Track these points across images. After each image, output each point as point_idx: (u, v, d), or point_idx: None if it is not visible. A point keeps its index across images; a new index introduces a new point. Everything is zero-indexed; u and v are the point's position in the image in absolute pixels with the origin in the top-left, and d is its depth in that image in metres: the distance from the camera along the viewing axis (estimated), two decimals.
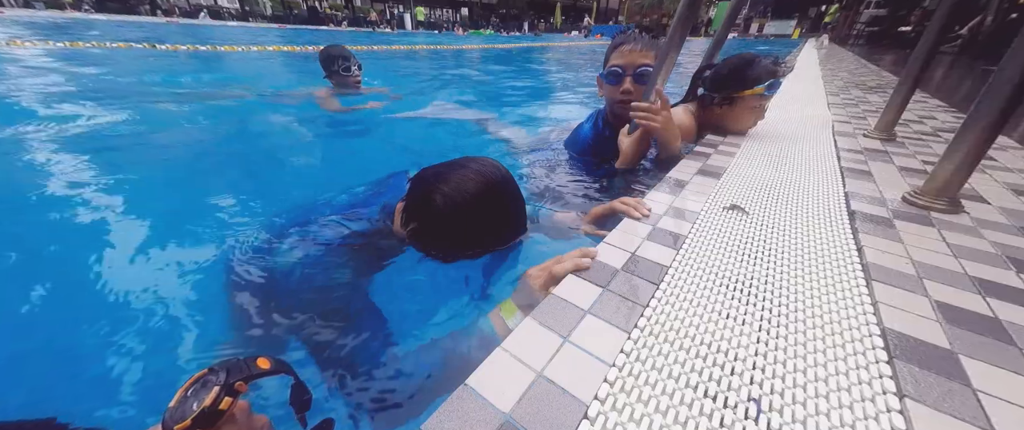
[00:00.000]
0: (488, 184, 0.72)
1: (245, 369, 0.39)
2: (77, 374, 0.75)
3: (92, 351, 0.79)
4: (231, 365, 0.39)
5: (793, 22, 21.85)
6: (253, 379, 0.39)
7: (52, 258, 1.08)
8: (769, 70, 1.36)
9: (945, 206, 0.92)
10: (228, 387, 0.37)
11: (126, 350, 0.78)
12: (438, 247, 0.77)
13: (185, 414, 0.35)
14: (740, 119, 1.49)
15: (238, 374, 0.38)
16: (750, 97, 1.40)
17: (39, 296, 0.92)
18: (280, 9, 21.05)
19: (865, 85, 3.32)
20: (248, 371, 0.39)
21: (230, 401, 0.37)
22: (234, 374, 0.38)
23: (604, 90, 1.34)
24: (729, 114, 1.48)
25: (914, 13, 10.91)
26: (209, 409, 0.35)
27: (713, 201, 0.94)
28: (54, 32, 7.13)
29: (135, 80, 3.57)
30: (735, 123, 1.51)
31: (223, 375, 0.38)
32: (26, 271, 1.01)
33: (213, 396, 0.36)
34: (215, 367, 0.39)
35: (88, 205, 1.29)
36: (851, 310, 0.58)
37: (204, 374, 0.38)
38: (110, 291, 0.94)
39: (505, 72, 5.94)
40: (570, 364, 0.47)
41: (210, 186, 1.52)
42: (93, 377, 0.74)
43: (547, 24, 27.46)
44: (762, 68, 1.36)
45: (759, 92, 1.37)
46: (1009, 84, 0.79)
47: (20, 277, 0.98)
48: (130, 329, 0.82)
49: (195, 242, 1.13)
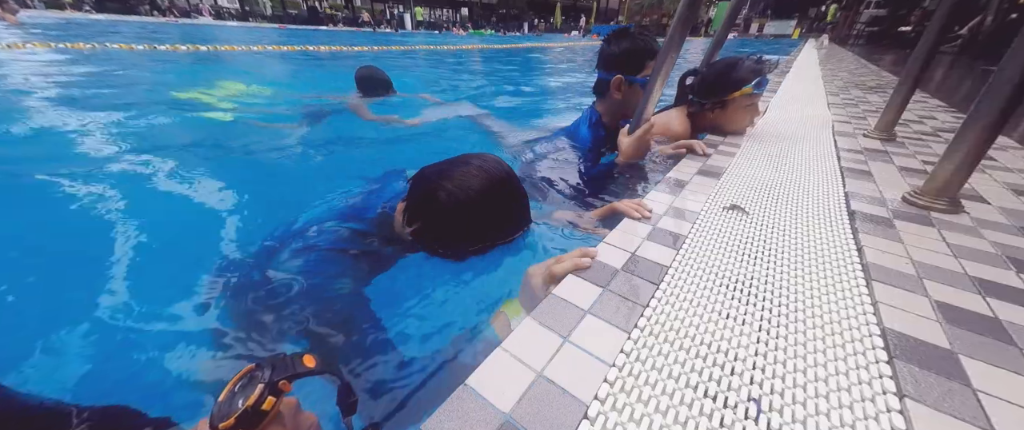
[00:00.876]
0: (492, 180, 0.72)
1: (290, 367, 0.38)
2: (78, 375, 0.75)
3: (91, 351, 0.78)
4: (277, 362, 0.38)
5: (793, 22, 21.84)
6: (298, 377, 0.38)
7: (52, 257, 1.08)
8: (753, 69, 1.39)
9: (945, 206, 0.92)
10: (272, 385, 0.35)
11: (119, 356, 0.77)
12: (443, 244, 0.77)
13: (230, 412, 0.34)
14: (735, 120, 1.51)
15: (283, 372, 0.37)
16: (740, 98, 1.43)
17: (32, 296, 0.92)
18: (280, 9, 21.06)
19: (865, 85, 3.32)
20: (293, 369, 0.37)
21: (273, 401, 0.35)
22: (279, 371, 0.37)
23: (627, 93, 1.33)
24: (723, 116, 1.51)
25: (914, 13, 10.90)
26: (252, 408, 0.34)
27: (713, 201, 0.93)
28: (70, 33, 7.11)
29: (145, 81, 3.57)
30: (731, 124, 1.53)
31: (268, 372, 0.36)
32: (25, 271, 1.01)
33: (256, 395, 0.34)
34: (262, 362, 0.38)
35: (84, 208, 1.29)
36: (851, 310, 0.58)
37: (251, 369, 0.37)
38: (109, 291, 0.94)
39: (504, 72, 5.94)
40: (570, 364, 0.47)
41: (215, 192, 1.51)
42: (92, 377, 0.74)
43: (547, 24, 27.46)
44: (746, 68, 1.39)
45: (747, 92, 1.40)
46: (1009, 84, 0.79)
47: (19, 277, 0.98)
48: (125, 334, 0.82)
49: (199, 247, 1.13)
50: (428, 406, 0.59)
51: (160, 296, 0.92)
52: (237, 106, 2.72)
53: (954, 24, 2.28)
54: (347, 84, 2.87)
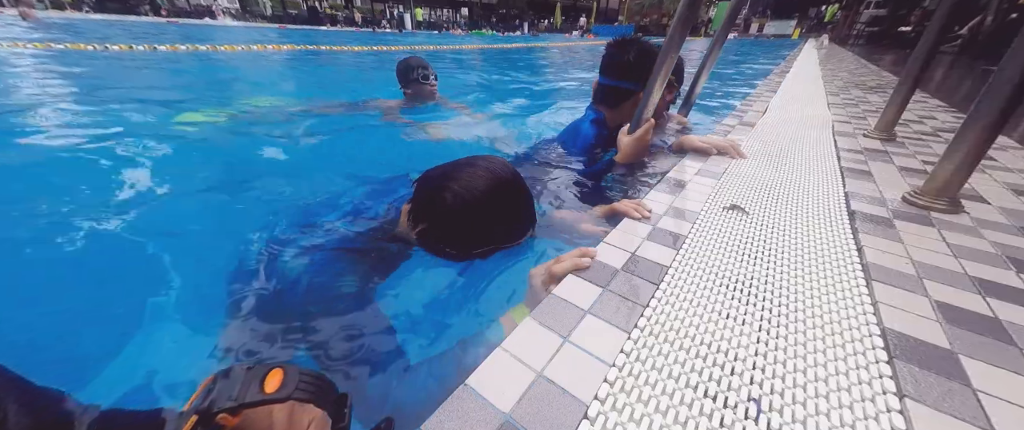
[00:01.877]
0: (498, 181, 0.72)
1: (240, 392, 0.30)
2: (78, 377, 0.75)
3: (87, 352, 0.78)
4: (227, 381, 0.31)
5: (793, 22, 21.85)
6: (248, 408, 0.30)
7: (50, 259, 1.08)
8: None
9: (945, 206, 0.92)
10: (207, 418, 0.29)
11: (120, 355, 0.77)
12: (449, 245, 0.77)
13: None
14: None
15: (224, 400, 0.30)
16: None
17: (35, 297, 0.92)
18: (279, 9, 21.05)
19: (865, 85, 3.32)
20: (241, 397, 0.30)
21: None
22: (220, 398, 0.30)
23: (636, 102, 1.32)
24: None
25: (914, 13, 10.91)
26: None
27: (713, 201, 0.93)
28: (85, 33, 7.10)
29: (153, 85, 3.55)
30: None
31: (209, 396, 0.30)
32: (24, 270, 1.01)
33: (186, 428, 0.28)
34: (217, 376, 0.32)
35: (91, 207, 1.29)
36: (851, 310, 0.58)
37: (208, 383, 0.32)
38: (109, 291, 0.94)
39: (505, 72, 5.94)
40: (570, 364, 0.47)
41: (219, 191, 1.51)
42: (86, 379, 0.74)
43: (548, 24, 27.48)
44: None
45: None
46: (1009, 84, 0.79)
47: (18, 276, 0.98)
48: (126, 332, 0.82)
49: (200, 246, 1.13)
50: (431, 406, 0.59)
51: (159, 294, 0.92)
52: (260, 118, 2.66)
53: (954, 24, 2.28)
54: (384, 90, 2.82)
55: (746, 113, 2.06)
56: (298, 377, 0.33)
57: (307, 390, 0.33)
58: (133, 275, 1.01)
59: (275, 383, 0.32)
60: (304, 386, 0.33)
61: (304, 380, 0.33)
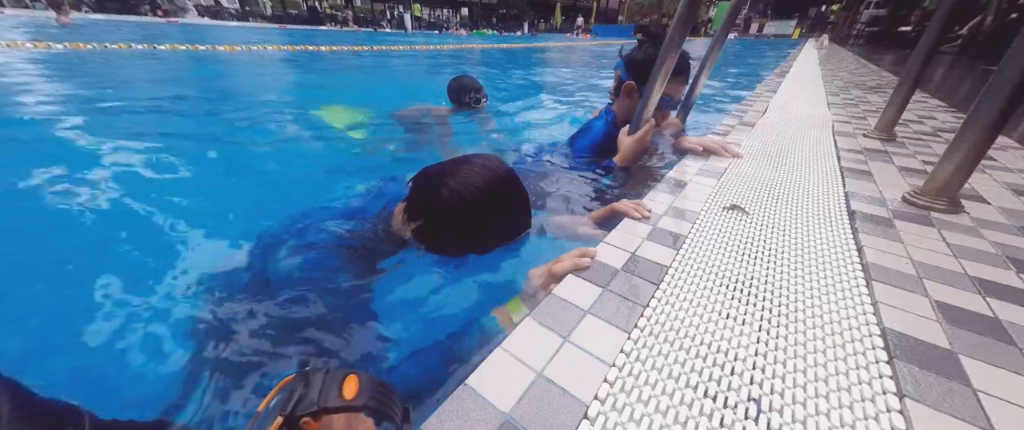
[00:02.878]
0: (494, 178, 0.72)
1: (323, 397, 0.31)
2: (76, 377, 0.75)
3: (86, 352, 0.78)
4: (309, 385, 0.31)
5: (793, 22, 21.86)
6: (328, 413, 0.30)
7: (50, 260, 1.08)
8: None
9: (945, 206, 0.92)
10: (292, 421, 0.29)
11: (110, 355, 0.77)
12: (446, 242, 0.77)
13: None
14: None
15: (307, 406, 0.30)
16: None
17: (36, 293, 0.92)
18: (280, 9, 21.04)
19: (865, 85, 3.32)
20: (323, 402, 0.30)
21: None
22: (303, 405, 0.30)
23: (635, 100, 1.32)
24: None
25: (914, 13, 10.90)
26: None
27: (713, 201, 0.93)
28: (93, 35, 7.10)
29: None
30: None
31: (291, 402, 0.30)
32: (22, 269, 1.01)
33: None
34: (296, 378, 0.32)
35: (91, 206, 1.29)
36: (851, 310, 0.58)
37: (287, 383, 0.32)
38: (106, 290, 0.94)
39: (504, 72, 5.94)
40: (570, 364, 0.47)
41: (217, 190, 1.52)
42: (85, 379, 0.74)
43: (548, 24, 27.47)
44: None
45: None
46: (1009, 84, 0.79)
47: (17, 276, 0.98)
48: (122, 332, 0.82)
49: (199, 245, 1.13)
50: (430, 404, 0.59)
51: (157, 293, 0.92)
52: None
53: (954, 24, 2.28)
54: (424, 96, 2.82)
55: (746, 113, 2.06)
56: (371, 386, 0.33)
57: (379, 400, 0.33)
58: (119, 275, 1.00)
59: (352, 389, 0.32)
60: (377, 396, 0.33)
61: (376, 389, 0.33)
